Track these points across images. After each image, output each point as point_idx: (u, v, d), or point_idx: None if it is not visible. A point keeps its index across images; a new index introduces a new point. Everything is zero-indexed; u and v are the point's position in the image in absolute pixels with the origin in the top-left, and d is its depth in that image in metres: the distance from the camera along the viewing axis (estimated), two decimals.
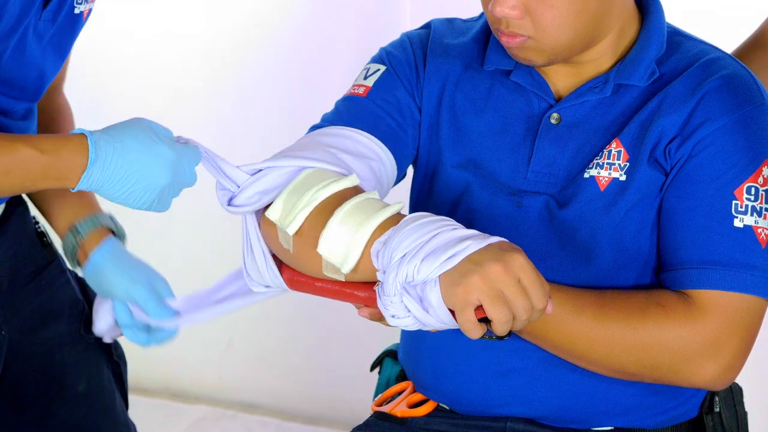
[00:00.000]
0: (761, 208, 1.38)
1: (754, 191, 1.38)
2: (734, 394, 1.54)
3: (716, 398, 1.51)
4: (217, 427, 2.97)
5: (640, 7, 1.48)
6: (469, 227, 1.25)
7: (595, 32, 1.40)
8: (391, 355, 1.69)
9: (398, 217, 1.26)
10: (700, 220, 1.38)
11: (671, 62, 1.45)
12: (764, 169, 1.39)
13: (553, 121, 1.46)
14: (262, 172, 1.38)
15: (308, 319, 2.94)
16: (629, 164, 1.41)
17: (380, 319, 1.27)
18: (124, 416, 1.80)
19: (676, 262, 1.39)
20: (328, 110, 1.54)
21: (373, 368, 1.71)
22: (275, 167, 1.38)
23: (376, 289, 1.24)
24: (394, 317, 1.23)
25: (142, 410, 2.81)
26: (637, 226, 1.42)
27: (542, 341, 1.41)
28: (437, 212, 1.47)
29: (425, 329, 1.24)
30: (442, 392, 1.54)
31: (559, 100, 1.47)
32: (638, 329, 1.36)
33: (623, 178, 1.42)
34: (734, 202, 1.37)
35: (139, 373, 2.77)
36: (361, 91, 1.51)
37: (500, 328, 1.18)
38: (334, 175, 1.35)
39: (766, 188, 1.38)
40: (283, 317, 2.95)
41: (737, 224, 1.37)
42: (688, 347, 1.36)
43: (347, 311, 1.36)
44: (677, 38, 1.48)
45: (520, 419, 1.49)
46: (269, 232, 1.37)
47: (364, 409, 1.81)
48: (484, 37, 1.53)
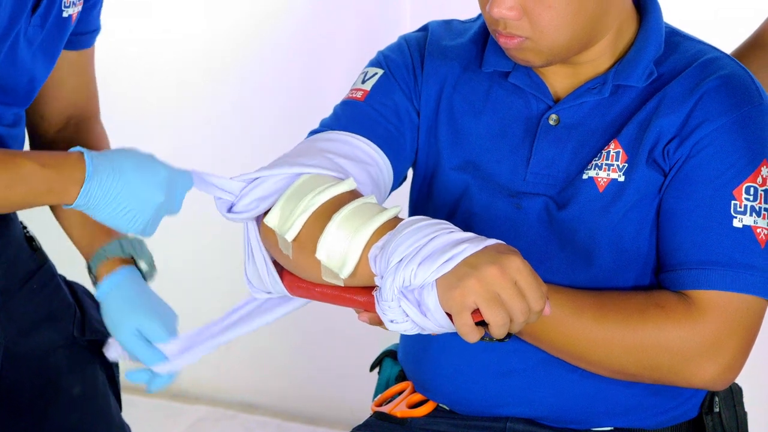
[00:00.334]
0: (760, 208, 1.38)
1: (753, 191, 1.38)
2: (734, 394, 1.54)
3: (716, 398, 1.51)
4: (217, 427, 2.97)
5: (638, 7, 1.48)
6: (468, 229, 1.24)
7: (592, 33, 1.39)
8: (390, 355, 1.68)
9: (396, 220, 1.26)
10: (699, 220, 1.38)
11: (669, 62, 1.45)
12: (763, 169, 1.39)
13: (551, 122, 1.46)
14: (259, 179, 1.38)
15: (308, 319, 2.93)
16: (628, 165, 1.41)
17: (380, 323, 1.26)
18: (119, 418, 1.80)
19: (675, 262, 1.39)
20: (327, 110, 1.53)
21: (372, 368, 1.71)
22: (271, 176, 1.38)
23: (374, 294, 1.24)
24: (392, 322, 1.23)
25: (142, 410, 2.81)
26: (636, 226, 1.42)
27: (542, 342, 1.41)
28: (436, 215, 1.47)
29: (424, 333, 1.24)
30: (441, 392, 1.54)
31: (557, 101, 1.47)
32: (638, 330, 1.36)
33: (622, 179, 1.41)
34: (733, 202, 1.37)
35: None
36: (359, 95, 1.51)
37: (497, 331, 1.17)
38: (331, 179, 1.35)
39: (765, 188, 1.38)
40: (283, 317, 2.95)
41: (736, 224, 1.37)
42: (687, 348, 1.36)
43: (347, 311, 1.36)
44: (675, 38, 1.48)
45: (519, 419, 1.49)
46: (269, 238, 1.37)
47: (363, 409, 1.80)
48: (482, 38, 1.53)
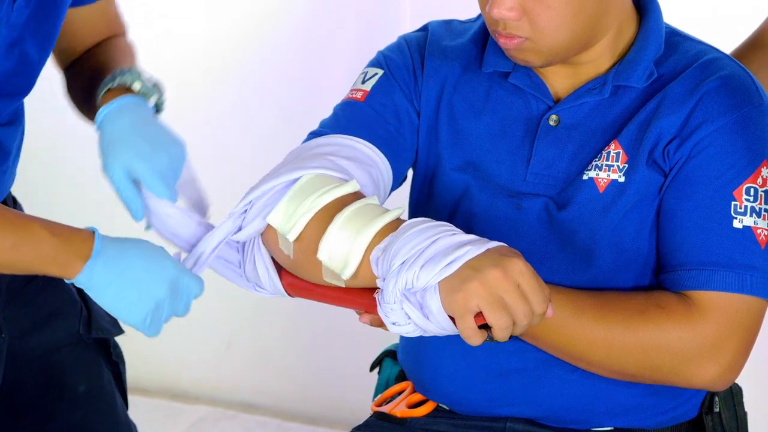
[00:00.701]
0: (760, 208, 1.37)
1: (753, 192, 1.38)
2: (734, 394, 1.54)
3: (716, 398, 1.51)
4: (217, 427, 2.97)
5: (637, 7, 1.47)
6: (468, 230, 1.24)
7: (592, 33, 1.39)
8: (390, 355, 1.68)
9: (398, 222, 1.26)
10: (699, 221, 1.37)
11: (669, 63, 1.45)
12: (763, 169, 1.38)
13: (551, 122, 1.46)
14: (258, 198, 1.37)
15: (308, 319, 2.94)
16: (628, 166, 1.41)
17: (381, 325, 1.26)
18: (124, 416, 1.80)
19: (675, 263, 1.39)
20: (327, 110, 1.53)
21: (372, 368, 1.71)
22: (262, 194, 1.36)
23: (376, 296, 1.23)
24: (395, 324, 1.23)
25: (142, 410, 2.81)
26: (636, 227, 1.42)
27: (542, 343, 1.41)
28: (437, 215, 1.47)
29: (427, 335, 1.24)
30: (441, 392, 1.54)
31: (557, 101, 1.47)
32: (638, 331, 1.36)
33: (622, 179, 1.41)
34: (733, 203, 1.37)
35: (139, 373, 2.77)
36: (359, 95, 1.50)
37: (500, 334, 1.17)
38: (334, 180, 1.35)
39: (765, 189, 1.38)
40: (283, 317, 2.95)
41: (736, 225, 1.37)
42: (688, 348, 1.35)
43: (347, 312, 1.35)
44: (675, 39, 1.48)
45: (519, 419, 1.49)
46: (270, 237, 1.36)
47: (363, 409, 1.80)
48: (482, 38, 1.53)
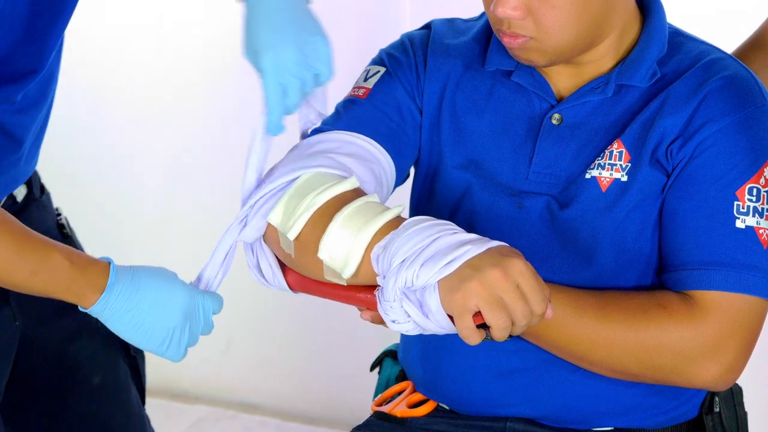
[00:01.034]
0: (763, 209, 1.37)
1: (755, 192, 1.38)
2: (734, 394, 1.54)
3: (716, 398, 1.51)
4: (217, 427, 2.97)
5: (641, 7, 1.48)
6: (470, 229, 1.24)
7: (596, 33, 1.39)
8: (391, 355, 1.68)
9: (399, 220, 1.26)
10: (701, 221, 1.37)
11: (673, 63, 1.45)
12: (766, 170, 1.38)
13: (554, 121, 1.46)
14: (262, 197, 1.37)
15: (308, 319, 2.94)
16: (631, 165, 1.41)
17: (382, 322, 1.26)
18: (138, 410, 1.80)
19: (677, 263, 1.39)
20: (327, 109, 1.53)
21: (373, 368, 1.71)
22: (263, 195, 1.36)
23: (376, 294, 1.24)
24: (394, 322, 1.23)
25: None
26: (638, 226, 1.42)
27: (544, 342, 1.40)
28: (438, 214, 1.47)
29: (426, 333, 1.24)
30: (442, 392, 1.54)
31: (560, 100, 1.47)
32: (640, 330, 1.36)
33: (625, 178, 1.41)
34: (736, 203, 1.37)
35: None
36: (361, 93, 1.51)
37: (499, 334, 1.17)
38: (334, 178, 1.35)
39: (767, 189, 1.38)
40: (283, 317, 2.95)
41: (739, 225, 1.37)
42: (690, 348, 1.35)
43: (347, 311, 1.35)
44: (678, 39, 1.48)
45: (520, 419, 1.49)
46: (271, 236, 1.36)
47: (364, 409, 1.80)
48: (485, 37, 1.53)
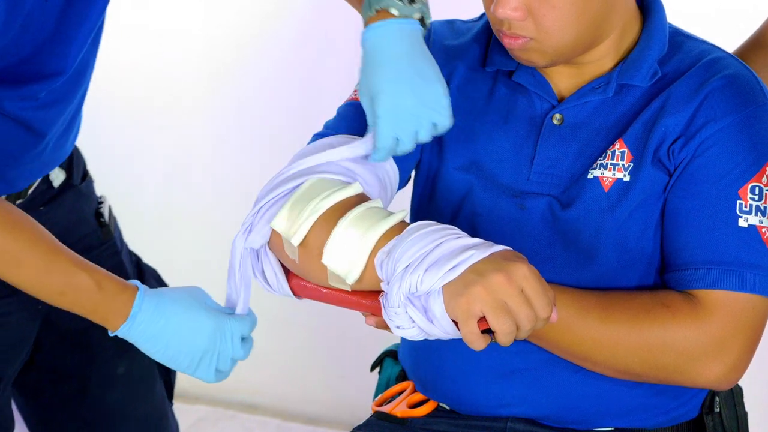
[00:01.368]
0: (765, 207, 1.37)
1: (758, 191, 1.37)
2: (734, 394, 1.54)
3: (717, 398, 1.51)
4: (217, 427, 2.97)
5: (641, 7, 1.48)
6: (472, 231, 1.24)
7: (597, 33, 1.39)
8: (391, 355, 1.68)
9: (402, 225, 1.26)
10: (704, 220, 1.37)
11: (673, 62, 1.45)
12: None
13: (555, 121, 1.46)
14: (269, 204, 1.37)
15: (308, 319, 2.94)
16: (633, 165, 1.41)
17: (386, 327, 1.26)
18: (162, 403, 1.81)
19: (680, 262, 1.39)
20: (327, 110, 1.53)
21: (373, 368, 1.71)
22: (272, 199, 1.36)
23: (380, 299, 1.23)
24: (399, 328, 1.23)
25: None
26: (640, 226, 1.41)
27: (547, 343, 1.40)
28: (440, 216, 1.47)
29: (431, 339, 1.24)
30: (443, 392, 1.53)
31: (561, 100, 1.46)
32: (643, 330, 1.36)
33: (627, 178, 1.41)
34: (738, 201, 1.37)
35: None
36: None
37: (504, 339, 1.17)
38: (337, 183, 1.34)
39: None
40: (283, 318, 2.95)
41: (742, 224, 1.36)
42: (693, 347, 1.35)
43: (346, 311, 1.35)
44: (679, 38, 1.48)
45: (520, 419, 1.49)
46: (275, 242, 1.36)
47: (364, 409, 1.80)
48: (485, 37, 1.53)
